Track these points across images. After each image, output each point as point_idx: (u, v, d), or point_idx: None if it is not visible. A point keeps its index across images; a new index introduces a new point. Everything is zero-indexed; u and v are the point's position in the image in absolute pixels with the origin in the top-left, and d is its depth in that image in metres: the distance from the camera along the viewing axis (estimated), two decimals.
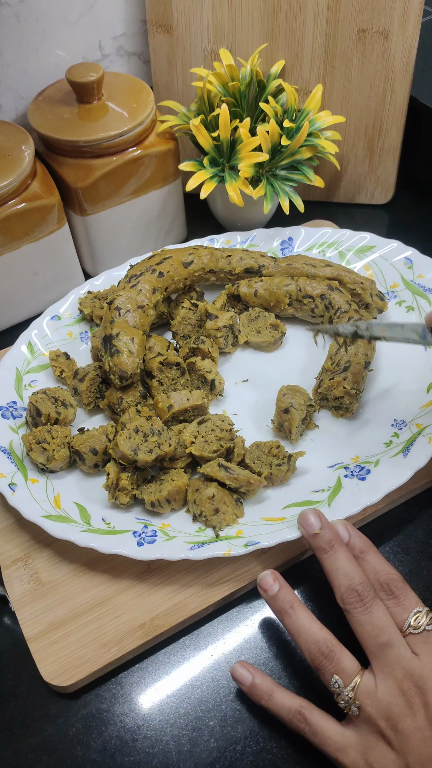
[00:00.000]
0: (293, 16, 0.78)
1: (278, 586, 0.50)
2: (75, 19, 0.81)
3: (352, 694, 0.46)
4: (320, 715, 0.47)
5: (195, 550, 0.54)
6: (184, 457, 0.61)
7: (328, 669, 0.47)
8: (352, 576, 0.48)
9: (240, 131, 0.73)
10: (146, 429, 0.59)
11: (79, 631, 0.54)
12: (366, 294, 0.71)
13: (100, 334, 0.65)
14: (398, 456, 0.59)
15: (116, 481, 0.58)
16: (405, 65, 0.79)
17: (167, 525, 0.58)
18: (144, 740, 0.51)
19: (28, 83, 0.82)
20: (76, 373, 0.67)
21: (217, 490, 0.57)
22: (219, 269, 0.73)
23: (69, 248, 0.77)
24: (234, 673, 0.50)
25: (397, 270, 0.75)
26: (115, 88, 0.77)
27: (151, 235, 0.83)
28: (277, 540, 0.54)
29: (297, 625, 0.48)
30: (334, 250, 0.78)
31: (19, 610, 0.56)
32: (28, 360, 0.71)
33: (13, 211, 0.69)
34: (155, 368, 0.66)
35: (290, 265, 0.73)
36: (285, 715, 0.48)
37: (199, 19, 0.80)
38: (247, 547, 0.54)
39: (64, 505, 0.60)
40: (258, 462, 0.60)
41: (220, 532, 0.57)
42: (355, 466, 0.60)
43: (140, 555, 0.54)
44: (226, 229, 0.87)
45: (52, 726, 0.52)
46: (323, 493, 0.59)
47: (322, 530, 0.51)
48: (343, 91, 0.82)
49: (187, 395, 0.63)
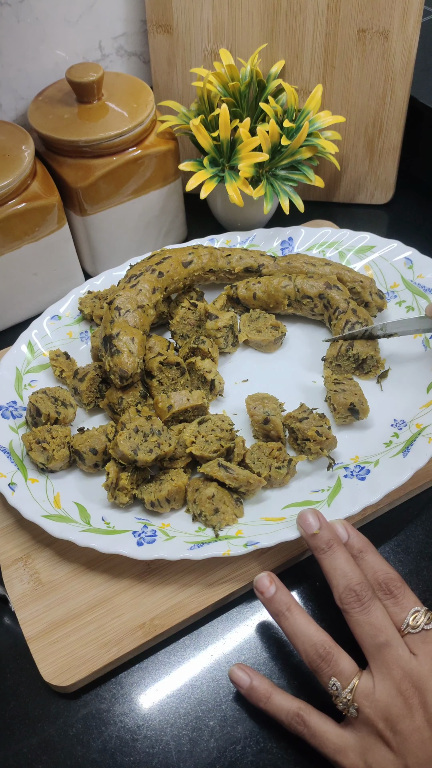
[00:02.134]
0: (293, 16, 0.78)
1: (275, 588, 0.50)
2: (75, 19, 0.81)
3: (351, 696, 0.46)
4: (319, 717, 0.47)
5: (194, 549, 0.54)
6: (184, 457, 0.61)
7: (325, 671, 0.46)
8: (350, 576, 0.48)
9: (240, 131, 0.73)
10: (146, 429, 0.59)
11: (79, 631, 0.54)
12: (365, 292, 0.71)
13: (100, 334, 0.65)
14: (398, 456, 0.59)
15: (116, 480, 0.58)
16: (405, 65, 0.79)
17: (167, 525, 0.58)
18: (144, 740, 0.51)
19: (28, 83, 0.82)
20: (76, 373, 0.67)
21: (216, 489, 0.57)
22: (219, 269, 0.73)
23: (69, 248, 0.77)
24: (232, 676, 0.50)
25: (397, 270, 0.75)
26: (115, 88, 0.77)
27: (151, 235, 0.83)
28: (276, 540, 0.54)
29: (294, 627, 0.48)
30: (334, 250, 0.78)
31: (19, 610, 0.56)
32: (28, 360, 0.71)
33: (13, 211, 0.69)
34: (155, 368, 0.66)
35: (290, 264, 0.73)
36: (284, 717, 0.48)
37: (199, 19, 0.80)
38: (247, 546, 0.54)
39: (64, 505, 0.60)
40: (258, 463, 0.60)
41: (220, 531, 0.57)
42: (354, 466, 0.60)
43: (140, 555, 0.54)
44: (226, 229, 0.87)
45: (52, 726, 0.52)
46: (323, 493, 0.59)
47: (320, 530, 0.51)
48: (343, 91, 0.82)
49: (187, 395, 0.63)
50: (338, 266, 0.72)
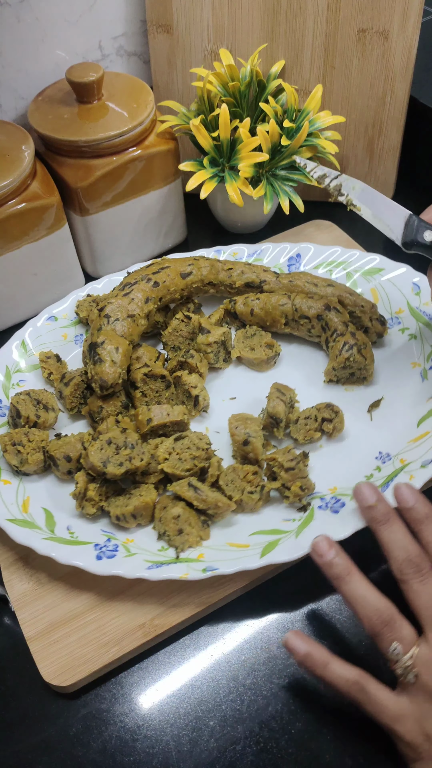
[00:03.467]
0: (293, 16, 0.78)
1: (334, 552, 0.50)
2: (75, 19, 0.81)
3: (411, 662, 0.45)
4: (377, 685, 0.47)
5: (152, 569, 0.53)
6: (157, 472, 0.60)
7: (387, 636, 0.46)
8: (409, 549, 0.48)
9: (240, 131, 0.73)
10: (119, 441, 0.58)
11: (79, 631, 0.54)
12: (366, 317, 0.69)
13: (87, 341, 0.65)
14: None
15: (84, 491, 0.58)
16: (405, 65, 0.79)
17: (131, 540, 0.57)
18: (144, 740, 0.51)
19: (28, 83, 0.82)
20: (63, 377, 0.67)
21: (183, 510, 0.56)
22: (219, 282, 0.72)
23: (69, 248, 0.77)
24: (287, 643, 0.49)
25: (403, 295, 0.73)
26: (115, 88, 0.77)
27: (151, 235, 0.83)
28: (236, 568, 0.53)
29: (354, 592, 0.48)
30: (341, 270, 0.76)
31: (19, 610, 0.56)
32: (19, 359, 0.70)
33: (13, 211, 0.69)
34: (139, 379, 0.65)
35: (292, 282, 0.71)
36: (342, 684, 0.47)
37: (199, 19, 0.80)
38: (206, 572, 0.53)
39: (32, 510, 0.59)
40: (231, 485, 0.58)
41: (182, 553, 0.56)
42: (331, 498, 0.58)
43: (97, 569, 0.54)
44: (226, 229, 0.87)
45: (52, 726, 0.52)
46: (294, 522, 0.57)
47: (377, 503, 0.51)
48: (343, 91, 0.82)
49: (168, 410, 0.62)
50: (341, 288, 0.71)
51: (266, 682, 0.53)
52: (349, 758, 0.49)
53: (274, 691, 0.52)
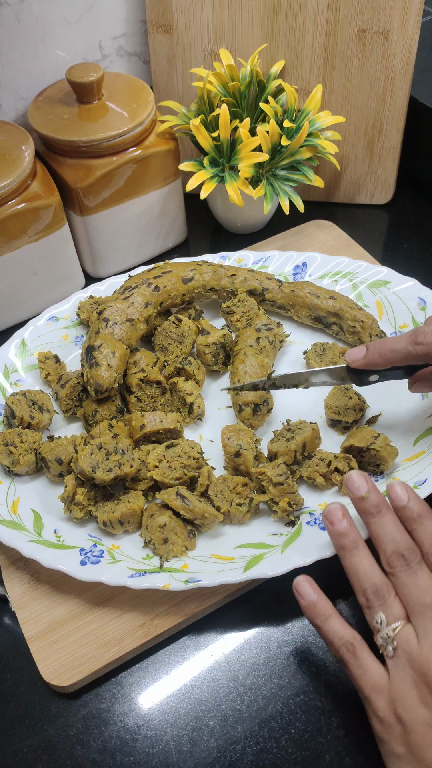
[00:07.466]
0: (293, 16, 0.78)
1: (346, 523, 0.50)
2: (75, 19, 0.81)
3: (392, 633, 0.45)
4: (368, 652, 0.47)
5: (134, 578, 0.53)
6: (147, 479, 0.59)
7: (375, 606, 0.47)
8: (398, 541, 0.48)
9: (240, 131, 0.73)
10: (110, 447, 0.58)
11: (79, 631, 0.54)
12: (365, 333, 0.68)
13: (84, 343, 0.65)
14: None
15: (72, 494, 0.57)
16: (405, 65, 0.79)
17: (117, 547, 0.57)
18: (144, 740, 0.51)
19: (28, 83, 0.82)
20: (60, 378, 0.67)
21: (170, 519, 0.55)
22: (221, 288, 0.71)
23: (69, 248, 0.77)
24: (298, 587, 0.49)
25: (409, 310, 0.71)
26: (115, 88, 0.77)
27: (151, 235, 0.83)
28: (218, 581, 0.52)
29: (358, 565, 0.48)
30: (347, 281, 0.75)
31: (19, 610, 0.56)
32: (18, 359, 0.70)
33: (13, 211, 0.69)
34: (134, 384, 0.65)
35: (294, 292, 0.71)
36: (336, 641, 0.47)
37: (199, 19, 0.80)
38: (188, 583, 0.52)
39: (21, 511, 0.59)
40: (220, 496, 0.57)
41: (166, 562, 0.55)
42: (320, 514, 0.57)
43: (80, 575, 0.53)
44: (226, 229, 0.87)
45: (52, 726, 0.52)
46: (281, 537, 0.56)
47: (369, 494, 0.50)
48: (343, 91, 0.82)
49: (161, 417, 0.62)
50: (342, 301, 0.70)
51: (266, 682, 0.53)
52: (349, 758, 0.49)
53: (274, 691, 0.52)
